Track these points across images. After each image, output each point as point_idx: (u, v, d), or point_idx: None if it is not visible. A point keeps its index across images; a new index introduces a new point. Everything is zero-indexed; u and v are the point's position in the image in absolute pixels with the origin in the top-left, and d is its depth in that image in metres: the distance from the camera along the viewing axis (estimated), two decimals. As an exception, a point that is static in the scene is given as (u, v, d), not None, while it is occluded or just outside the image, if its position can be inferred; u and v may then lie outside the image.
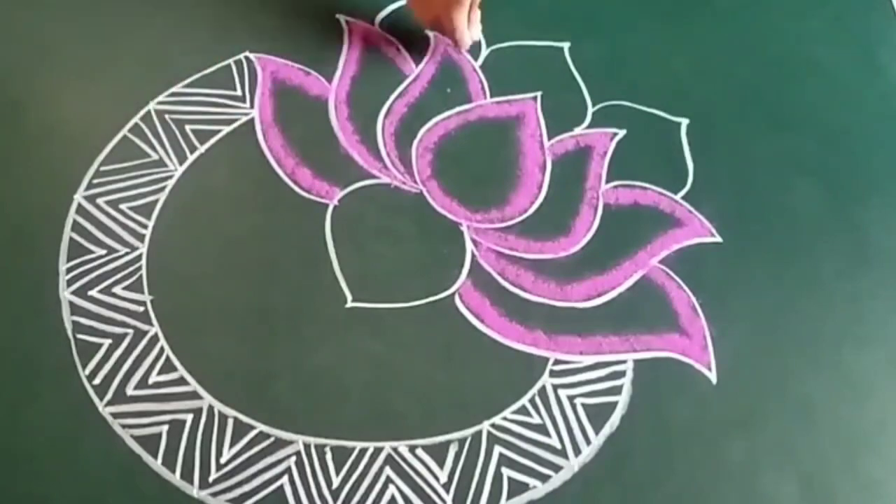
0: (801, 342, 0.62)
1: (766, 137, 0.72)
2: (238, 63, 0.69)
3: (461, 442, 0.55)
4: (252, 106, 0.67)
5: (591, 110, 0.71)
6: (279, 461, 0.54)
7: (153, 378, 0.56)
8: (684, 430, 0.57)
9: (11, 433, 0.53)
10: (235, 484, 0.53)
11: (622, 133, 0.70)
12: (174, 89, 0.67)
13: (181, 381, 0.56)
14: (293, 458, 0.54)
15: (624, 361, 0.59)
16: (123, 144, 0.64)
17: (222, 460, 0.53)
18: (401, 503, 0.53)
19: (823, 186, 0.69)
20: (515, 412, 0.57)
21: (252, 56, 0.70)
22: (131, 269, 0.59)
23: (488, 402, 0.57)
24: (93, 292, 0.58)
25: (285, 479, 0.53)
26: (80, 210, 0.61)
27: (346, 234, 0.63)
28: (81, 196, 0.62)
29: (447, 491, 0.54)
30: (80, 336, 0.56)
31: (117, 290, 0.58)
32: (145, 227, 0.61)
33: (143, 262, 0.60)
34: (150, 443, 0.53)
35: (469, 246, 0.63)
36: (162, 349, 0.57)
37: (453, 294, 0.61)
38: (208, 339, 0.57)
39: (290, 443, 0.54)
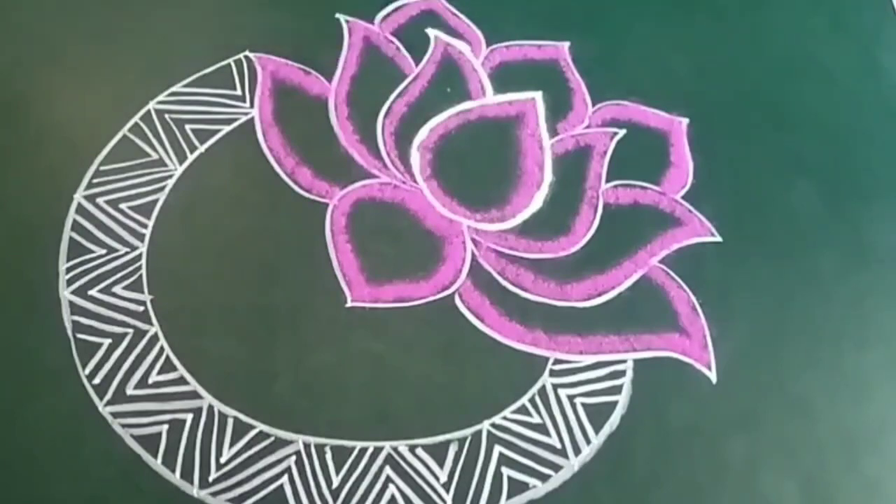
0: (801, 342, 0.62)
1: (766, 137, 0.72)
2: (238, 63, 0.69)
3: (461, 441, 0.55)
4: (252, 105, 0.67)
5: (590, 110, 0.71)
6: (279, 461, 0.54)
7: (153, 378, 0.56)
8: (684, 430, 0.57)
9: (11, 433, 0.53)
10: (235, 483, 0.53)
11: (622, 133, 0.70)
12: (174, 89, 0.67)
13: (181, 381, 0.56)
14: (293, 458, 0.54)
15: (624, 361, 0.59)
16: (123, 144, 0.64)
17: (222, 460, 0.53)
18: (401, 503, 0.53)
19: (823, 186, 0.69)
20: (515, 412, 0.57)
21: (252, 56, 0.70)
22: (131, 268, 0.59)
23: (488, 401, 0.57)
24: (93, 292, 0.58)
25: (285, 478, 0.53)
26: (80, 209, 0.61)
27: (346, 233, 0.63)
28: (81, 195, 0.62)
29: (447, 490, 0.54)
30: (79, 336, 0.56)
31: (117, 289, 0.58)
32: (145, 226, 0.61)
33: (143, 261, 0.60)
34: (150, 442, 0.53)
35: (469, 245, 0.63)
36: (162, 349, 0.57)
37: (453, 294, 0.61)
38: (208, 339, 0.57)
39: (290, 442, 0.54)
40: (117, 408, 0.54)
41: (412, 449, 0.55)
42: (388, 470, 0.54)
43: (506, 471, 0.55)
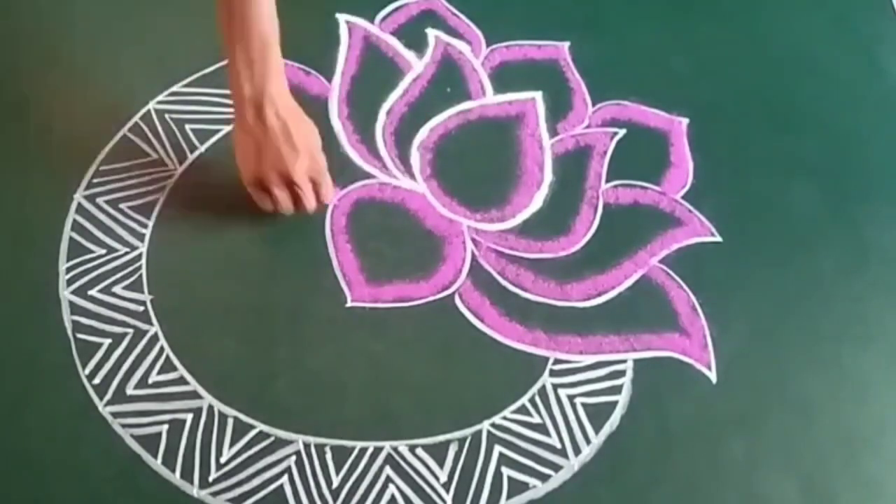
0: (801, 341, 0.62)
1: (766, 137, 0.72)
2: (238, 63, 0.69)
3: (461, 441, 0.55)
4: (252, 106, 0.67)
5: (591, 110, 0.71)
6: (279, 461, 0.54)
7: (153, 378, 0.56)
8: (684, 430, 0.57)
9: (11, 433, 0.53)
10: (235, 483, 0.53)
11: (622, 133, 0.70)
12: (174, 89, 0.67)
13: (181, 381, 0.56)
14: (293, 458, 0.54)
15: (624, 361, 0.59)
16: (123, 144, 0.64)
17: (222, 460, 0.53)
18: (401, 503, 0.53)
19: (823, 186, 0.69)
20: (515, 412, 0.57)
21: (252, 56, 0.70)
22: (131, 268, 0.59)
23: (488, 401, 0.57)
24: (93, 292, 0.58)
25: (285, 478, 0.53)
26: (80, 209, 0.61)
27: (346, 233, 0.63)
28: (81, 195, 0.62)
29: (447, 490, 0.54)
30: (79, 336, 0.56)
31: (117, 289, 0.58)
32: (145, 226, 0.61)
33: (143, 261, 0.60)
34: (150, 442, 0.53)
35: (469, 245, 0.63)
36: (162, 349, 0.57)
37: (453, 293, 0.61)
38: (208, 339, 0.57)
39: (290, 442, 0.54)
40: (117, 408, 0.54)
41: (412, 449, 0.55)
42: (388, 470, 0.54)
43: (506, 471, 0.55)
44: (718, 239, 0.66)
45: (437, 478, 0.54)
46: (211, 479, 0.53)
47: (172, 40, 0.70)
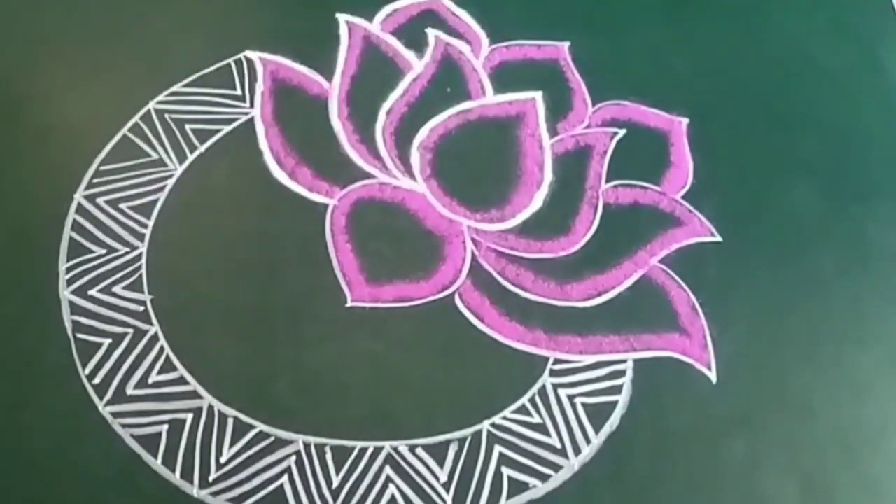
0: (801, 341, 0.62)
1: (766, 137, 0.72)
2: (238, 63, 0.69)
3: (461, 441, 0.55)
4: (252, 105, 0.67)
5: (590, 110, 0.71)
6: (279, 461, 0.54)
7: (153, 378, 0.56)
8: (684, 430, 0.57)
9: (11, 433, 0.53)
10: (235, 483, 0.53)
11: (622, 132, 0.70)
12: (174, 89, 0.67)
13: (181, 381, 0.56)
14: (293, 458, 0.54)
15: (624, 361, 0.59)
16: (123, 144, 0.64)
17: (222, 460, 0.53)
18: (401, 502, 0.53)
19: (823, 186, 0.69)
20: (515, 411, 0.57)
21: (252, 56, 0.70)
22: (131, 268, 0.59)
23: (488, 401, 0.57)
24: (93, 292, 0.58)
25: (285, 478, 0.53)
26: (80, 209, 0.61)
27: (346, 234, 0.63)
28: (81, 195, 0.62)
29: (447, 490, 0.54)
30: (79, 335, 0.56)
31: (117, 289, 0.58)
32: (145, 226, 0.61)
33: (143, 261, 0.60)
34: (150, 442, 0.53)
35: (469, 245, 0.63)
36: (162, 349, 0.57)
37: (453, 293, 0.61)
38: (208, 339, 0.57)
39: (290, 442, 0.54)
40: (117, 408, 0.54)
41: (412, 449, 0.55)
42: (388, 470, 0.54)
43: (506, 471, 0.55)
44: (718, 239, 0.66)
45: (437, 478, 0.54)
46: (211, 478, 0.53)
47: (172, 40, 0.70)
